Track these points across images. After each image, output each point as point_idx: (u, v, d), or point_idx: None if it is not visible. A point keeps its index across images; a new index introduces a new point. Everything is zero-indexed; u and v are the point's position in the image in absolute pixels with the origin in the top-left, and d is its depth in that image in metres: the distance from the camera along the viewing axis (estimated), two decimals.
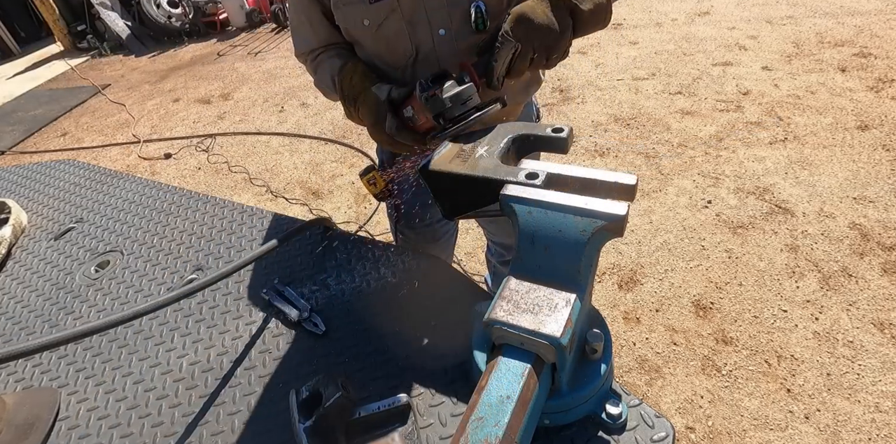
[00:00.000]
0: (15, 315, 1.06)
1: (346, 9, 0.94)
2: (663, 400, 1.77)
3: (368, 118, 0.92)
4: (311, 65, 1.08)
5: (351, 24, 0.96)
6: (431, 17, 0.93)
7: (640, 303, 2.12)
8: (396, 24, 0.93)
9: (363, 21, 0.93)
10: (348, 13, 0.95)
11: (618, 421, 0.65)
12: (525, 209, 0.61)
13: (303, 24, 1.04)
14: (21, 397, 0.86)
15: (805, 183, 2.60)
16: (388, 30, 0.94)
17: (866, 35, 3.92)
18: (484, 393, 0.53)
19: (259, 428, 0.74)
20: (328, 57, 1.05)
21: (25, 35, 8.34)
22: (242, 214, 1.21)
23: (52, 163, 1.65)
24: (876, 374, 1.74)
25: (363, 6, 0.92)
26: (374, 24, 0.93)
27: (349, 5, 0.93)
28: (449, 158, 0.72)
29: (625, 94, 3.67)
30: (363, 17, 0.93)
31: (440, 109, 0.79)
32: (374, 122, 0.91)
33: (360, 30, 0.96)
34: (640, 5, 5.25)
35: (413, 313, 0.88)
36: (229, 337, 0.90)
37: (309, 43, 1.06)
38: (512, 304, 0.58)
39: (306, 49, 1.08)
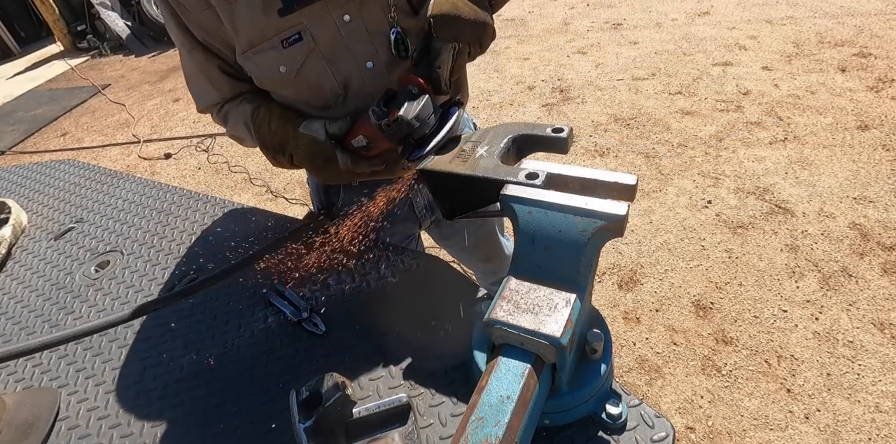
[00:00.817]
0: (15, 315, 1.06)
1: (258, 58, 0.84)
2: (663, 400, 1.77)
3: (312, 162, 0.84)
4: (219, 117, 0.99)
5: (266, 73, 0.86)
6: (355, 51, 0.86)
7: (640, 303, 2.12)
8: (318, 65, 0.85)
9: (279, 68, 0.84)
10: (261, 62, 0.85)
11: (618, 421, 0.65)
12: (525, 209, 0.61)
13: (200, 81, 0.94)
14: (21, 397, 0.86)
15: (805, 183, 2.60)
16: (309, 73, 0.86)
17: (866, 35, 3.92)
18: (484, 393, 0.53)
19: (259, 428, 0.74)
20: (235, 105, 0.96)
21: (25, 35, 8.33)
22: (243, 215, 1.21)
23: (52, 163, 1.65)
24: (876, 374, 1.74)
25: (275, 52, 0.83)
26: (293, 70, 0.85)
27: (260, 54, 0.84)
28: (449, 158, 0.72)
29: (625, 94, 3.67)
30: (278, 64, 0.84)
31: (407, 132, 0.74)
32: (323, 164, 0.84)
33: (277, 78, 0.86)
34: (640, 5, 5.25)
35: (413, 313, 0.88)
36: (229, 337, 0.90)
37: (211, 97, 0.96)
38: (512, 304, 0.58)
39: (208, 104, 0.97)
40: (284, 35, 0.81)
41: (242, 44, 0.84)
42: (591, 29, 4.90)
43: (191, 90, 0.98)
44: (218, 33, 0.84)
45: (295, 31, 0.81)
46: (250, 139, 0.95)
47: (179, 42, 0.89)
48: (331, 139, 0.83)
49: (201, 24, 0.84)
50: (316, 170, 0.86)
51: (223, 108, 0.97)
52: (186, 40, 0.87)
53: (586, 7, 5.48)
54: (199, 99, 0.98)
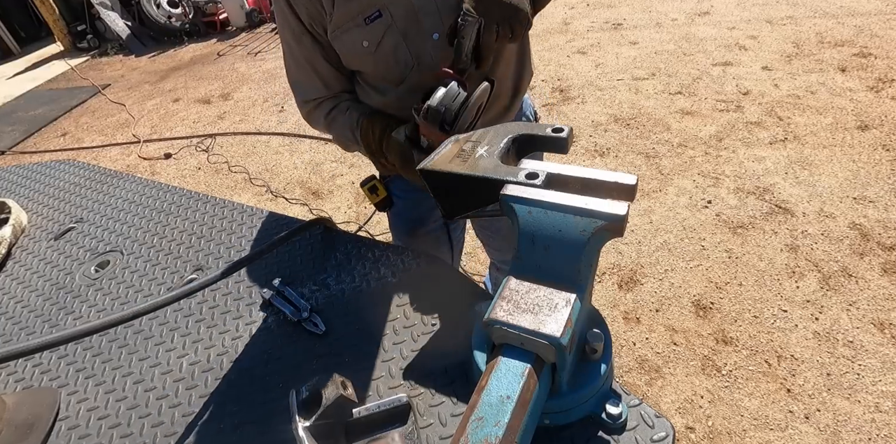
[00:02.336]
0: (15, 315, 1.06)
1: (345, 36, 0.93)
2: (663, 400, 1.77)
3: (400, 163, 0.94)
4: (323, 119, 1.07)
5: (351, 49, 0.95)
6: (424, 23, 0.92)
7: (640, 303, 2.12)
8: (394, 39, 0.93)
9: (362, 43, 0.93)
10: (347, 39, 0.94)
11: (618, 421, 0.65)
12: (525, 209, 0.61)
13: (307, 71, 1.02)
14: (21, 397, 0.86)
15: (805, 183, 2.60)
16: (387, 46, 0.94)
17: (866, 35, 3.91)
18: (484, 393, 0.53)
19: (259, 428, 0.74)
20: (340, 112, 1.04)
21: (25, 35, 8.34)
22: (242, 214, 1.21)
23: (52, 163, 1.65)
24: (876, 374, 1.74)
25: (359, 29, 0.91)
26: (374, 44, 0.93)
27: (347, 32, 0.93)
28: (449, 158, 0.72)
29: (625, 94, 3.67)
30: (362, 39, 0.93)
31: (439, 117, 0.79)
32: (404, 164, 0.93)
33: (360, 53, 0.95)
34: (640, 5, 5.25)
35: (413, 313, 0.88)
36: (229, 337, 0.90)
37: (315, 90, 1.05)
38: (512, 304, 0.58)
39: (310, 96, 1.06)
40: (367, 13, 0.89)
41: (333, 24, 0.92)
42: (591, 29, 4.90)
43: (293, 84, 1.06)
44: (320, 19, 0.93)
45: (375, 8, 0.89)
46: (355, 144, 1.04)
47: (290, 27, 0.96)
48: (408, 141, 0.91)
49: (308, 10, 0.92)
50: (402, 168, 0.95)
51: (330, 112, 1.05)
52: (297, 27, 0.95)
53: (586, 7, 5.48)
54: (302, 92, 1.05)
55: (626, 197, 0.62)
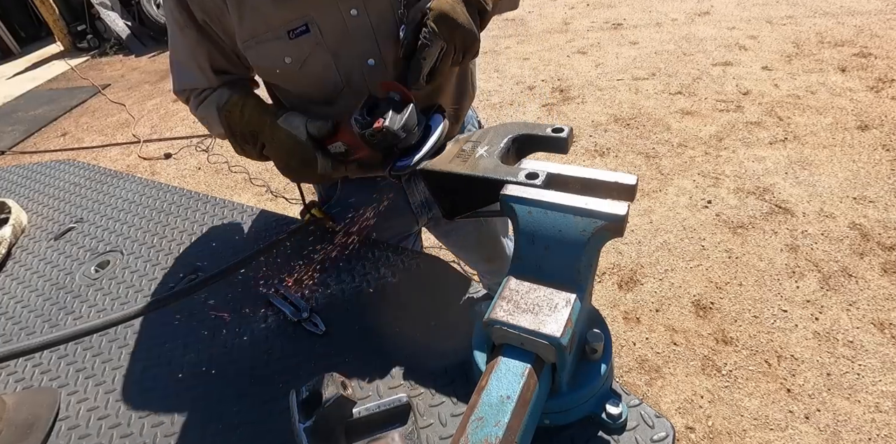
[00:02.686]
0: (15, 315, 1.06)
1: (262, 48, 0.83)
2: (663, 400, 1.77)
3: (288, 160, 0.83)
4: (194, 102, 0.95)
5: (270, 63, 0.85)
6: (359, 47, 0.85)
7: (640, 303, 2.12)
8: (323, 58, 0.85)
9: (284, 59, 0.84)
10: (264, 53, 0.84)
11: (618, 421, 0.65)
12: (525, 209, 0.61)
13: (187, 61, 0.91)
14: (21, 397, 0.86)
15: (805, 183, 2.60)
16: (314, 65, 0.85)
17: (866, 35, 3.91)
18: (484, 393, 0.53)
19: (259, 428, 0.74)
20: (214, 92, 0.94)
21: (25, 35, 8.33)
22: (242, 214, 1.21)
23: (52, 163, 1.65)
24: (876, 374, 1.74)
25: (282, 43, 0.82)
26: (298, 61, 0.84)
27: (264, 43, 0.83)
28: (449, 158, 0.72)
29: (625, 94, 3.67)
30: (284, 54, 0.83)
31: (392, 142, 0.72)
32: (298, 165, 0.82)
33: (281, 68, 0.85)
34: (640, 5, 5.25)
35: (413, 313, 0.88)
36: (229, 337, 0.90)
37: (193, 81, 0.93)
38: (512, 304, 0.58)
39: (186, 86, 0.94)
40: (291, 25, 0.80)
41: (246, 32, 0.82)
42: (591, 29, 4.90)
43: (173, 69, 0.95)
44: (220, 18, 0.83)
45: (302, 22, 0.80)
46: (217, 124, 0.92)
47: (174, 18, 0.86)
48: (311, 140, 0.80)
49: (204, 6, 0.82)
50: (288, 169, 0.84)
51: (202, 92, 0.94)
52: (182, 18, 0.85)
53: (586, 7, 5.48)
54: (180, 80, 0.94)
55: (626, 197, 0.62)
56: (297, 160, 0.82)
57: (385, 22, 0.84)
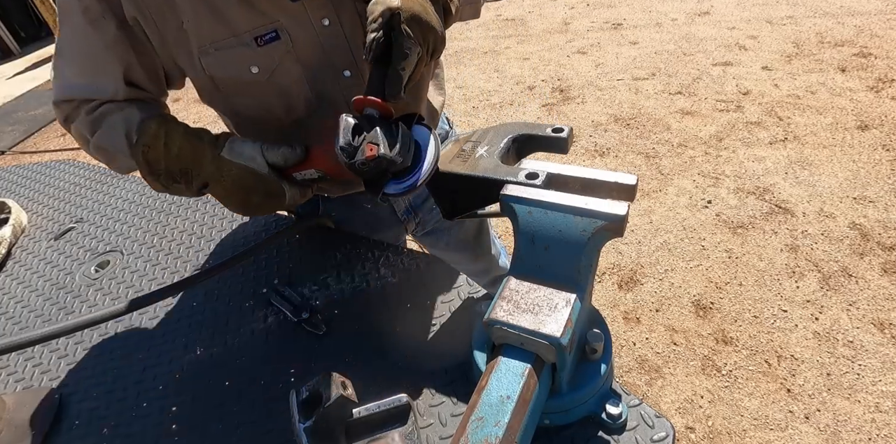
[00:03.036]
0: (15, 315, 1.06)
1: (223, 55, 0.73)
2: (663, 400, 1.77)
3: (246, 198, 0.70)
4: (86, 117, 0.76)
5: (232, 72, 0.75)
6: (333, 58, 0.78)
7: (640, 303, 2.12)
8: (293, 69, 0.76)
9: (250, 68, 0.74)
10: (227, 60, 0.73)
11: (618, 421, 0.65)
12: (525, 209, 0.61)
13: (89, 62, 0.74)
14: (21, 397, 0.86)
15: (805, 183, 2.60)
16: (283, 77, 0.76)
17: (866, 35, 3.92)
18: (484, 393, 0.53)
19: (259, 428, 0.74)
20: (117, 107, 0.75)
21: (25, 35, 8.34)
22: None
23: (52, 163, 1.65)
24: (876, 374, 1.74)
25: (248, 50, 0.73)
26: (266, 71, 0.75)
27: (227, 50, 0.72)
28: (449, 158, 0.72)
29: (625, 94, 3.67)
30: (250, 63, 0.74)
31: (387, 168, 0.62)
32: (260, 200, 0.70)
33: (245, 79, 0.75)
34: (640, 5, 5.25)
35: (413, 313, 0.88)
36: (229, 337, 0.90)
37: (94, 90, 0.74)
38: (512, 304, 0.58)
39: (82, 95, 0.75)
40: (259, 32, 0.72)
41: (205, 36, 0.71)
42: (591, 29, 4.90)
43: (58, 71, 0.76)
44: (159, 18, 0.70)
45: (271, 28, 0.72)
46: (123, 156, 0.75)
47: (82, 5, 0.69)
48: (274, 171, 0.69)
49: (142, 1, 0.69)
50: (247, 207, 0.72)
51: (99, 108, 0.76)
52: (98, 7, 0.69)
53: (586, 7, 5.48)
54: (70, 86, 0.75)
55: (626, 197, 0.62)
56: (260, 196, 0.69)
57: (360, 30, 0.77)
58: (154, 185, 0.72)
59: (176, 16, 0.70)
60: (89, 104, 0.76)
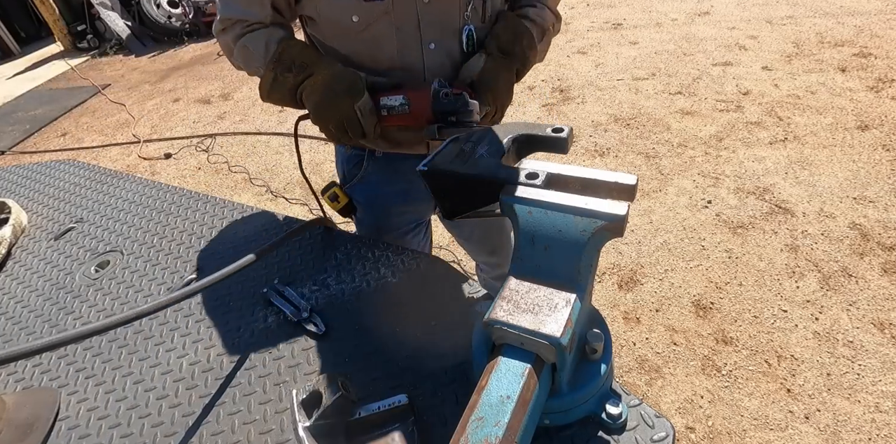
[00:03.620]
0: (15, 315, 1.06)
1: (334, 1, 0.87)
2: (663, 400, 1.77)
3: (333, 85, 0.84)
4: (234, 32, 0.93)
5: (337, 16, 0.88)
6: (424, 29, 0.91)
7: (640, 303, 2.12)
8: (387, 28, 0.89)
9: (352, 17, 0.87)
10: (335, 6, 0.87)
11: (618, 421, 0.65)
12: (525, 209, 0.61)
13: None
14: (21, 397, 0.86)
15: (805, 183, 2.60)
16: (377, 31, 0.89)
17: (866, 35, 3.92)
18: (484, 393, 0.53)
19: (259, 428, 0.74)
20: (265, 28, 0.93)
21: (25, 35, 8.34)
22: (242, 214, 1.21)
23: (52, 163, 1.65)
24: (876, 374, 1.74)
25: (354, 1, 0.86)
26: (364, 23, 0.87)
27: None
28: (449, 157, 0.72)
29: (625, 94, 3.67)
30: (352, 12, 0.86)
31: (457, 109, 0.80)
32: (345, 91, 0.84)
33: (345, 26, 0.88)
34: (640, 5, 5.25)
35: (413, 313, 0.88)
36: (229, 337, 0.90)
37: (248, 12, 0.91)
38: (512, 304, 0.58)
39: (239, 16, 0.92)
40: None
41: None
42: (591, 29, 4.90)
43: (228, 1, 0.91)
44: None
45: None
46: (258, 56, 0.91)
47: None
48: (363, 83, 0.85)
49: None
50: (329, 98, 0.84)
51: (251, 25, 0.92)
52: None
53: (586, 7, 5.48)
54: (231, 7, 0.91)
55: (626, 197, 0.62)
56: (344, 86, 0.83)
57: (451, 18, 0.92)
58: (266, 81, 0.90)
59: None
60: (243, 24, 0.93)
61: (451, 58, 0.98)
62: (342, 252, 1.04)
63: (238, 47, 0.94)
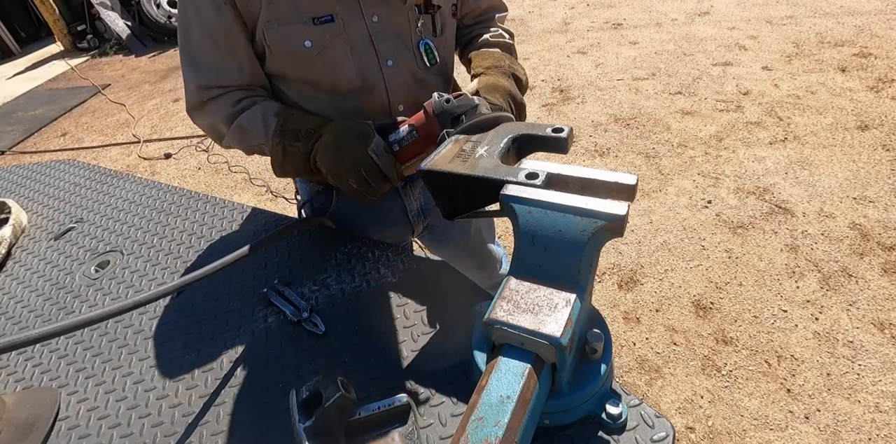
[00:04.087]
0: (15, 315, 1.06)
1: (283, 29, 0.85)
2: (663, 400, 1.77)
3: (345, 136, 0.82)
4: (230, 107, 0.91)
5: (288, 44, 0.86)
6: (378, 48, 0.91)
7: (640, 303, 2.12)
8: (342, 49, 0.88)
9: (304, 42, 0.86)
10: (285, 34, 0.85)
11: (618, 421, 0.65)
12: (525, 209, 0.61)
13: (222, 53, 0.88)
14: (21, 397, 0.86)
15: (805, 183, 2.60)
16: (333, 54, 0.88)
17: (866, 35, 3.92)
18: (484, 393, 0.53)
19: (259, 428, 0.74)
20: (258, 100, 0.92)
21: (25, 35, 8.34)
22: (242, 214, 1.21)
23: (52, 163, 1.65)
24: (876, 374, 1.74)
25: (304, 27, 0.85)
26: (318, 47, 0.87)
27: (286, 25, 0.85)
28: (449, 158, 0.72)
29: (625, 94, 3.67)
30: (304, 37, 0.86)
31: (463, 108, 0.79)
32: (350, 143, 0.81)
33: (299, 51, 0.87)
34: (640, 5, 5.25)
35: (413, 313, 0.88)
36: (229, 337, 0.90)
37: (223, 76, 0.89)
38: (512, 304, 0.58)
39: (216, 82, 0.89)
40: (317, 13, 0.85)
41: (272, 14, 0.84)
42: (591, 29, 4.90)
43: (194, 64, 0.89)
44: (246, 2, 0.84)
45: (328, 12, 0.85)
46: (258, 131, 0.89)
47: None
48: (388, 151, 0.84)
49: None
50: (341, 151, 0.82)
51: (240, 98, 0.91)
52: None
53: (586, 7, 5.48)
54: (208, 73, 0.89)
55: (626, 197, 0.62)
56: (355, 134, 0.82)
57: (403, 32, 0.93)
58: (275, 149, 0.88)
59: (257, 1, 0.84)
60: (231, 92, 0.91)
61: (413, 74, 0.97)
62: (342, 252, 1.04)
63: (233, 129, 0.92)
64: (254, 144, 0.93)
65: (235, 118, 0.91)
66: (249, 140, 0.92)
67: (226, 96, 0.91)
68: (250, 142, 0.93)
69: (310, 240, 1.09)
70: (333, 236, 1.09)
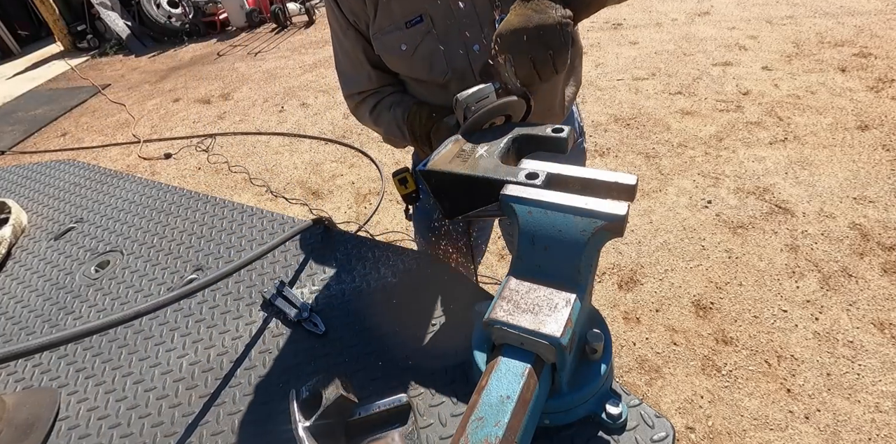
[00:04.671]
0: (15, 315, 1.06)
1: (385, 38, 0.98)
2: (663, 400, 1.77)
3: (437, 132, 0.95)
4: (368, 114, 1.10)
5: (389, 50, 0.99)
6: (465, 34, 0.96)
7: (640, 303, 2.12)
8: (432, 45, 0.96)
9: (400, 46, 0.97)
10: (387, 41, 0.98)
11: (618, 421, 0.65)
12: (525, 209, 0.61)
13: (353, 66, 1.07)
14: (21, 397, 0.86)
15: (805, 183, 2.60)
16: (424, 52, 0.97)
17: (866, 35, 3.92)
18: (484, 393, 0.53)
19: (259, 428, 0.74)
20: (385, 108, 1.07)
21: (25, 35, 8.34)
22: (242, 214, 1.21)
23: (52, 163, 1.65)
24: (876, 374, 1.74)
25: (399, 33, 0.96)
26: (411, 48, 0.97)
27: (387, 34, 0.97)
28: (449, 158, 0.72)
29: (625, 94, 3.67)
30: (400, 42, 0.97)
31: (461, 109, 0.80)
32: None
33: (398, 54, 0.99)
34: (640, 5, 5.25)
35: (413, 313, 0.88)
36: (229, 337, 0.90)
37: (359, 84, 1.08)
38: (512, 304, 0.58)
39: (356, 90, 1.10)
40: (409, 17, 0.94)
41: (377, 26, 0.97)
42: (591, 29, 4.90)
43: (340, 74, 1.10)
44: (363, 17, 0.98)
45: (417, 14, 0.94)
46: (402, 139, 1.05)
47: (337, 24, 1.02)
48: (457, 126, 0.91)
49: (352, 8, 0.98)
50: None
51: (376, 107, 1.07)
52: (343, 21, 1.00)
53: None
54: (347, 83, 1.09)
55: (626, 197, 0.62)
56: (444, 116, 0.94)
57: (485, 12, 0.95)
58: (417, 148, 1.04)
59: (365, 15, 0.98)
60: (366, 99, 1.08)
61: None
62: (342, 252, 1.04)
63: (378, 129, 1.11)
64: (399, 142, 1.10)
65: (378, 124, 1.09)
66: (403, 142, 1.08)
67: (364, 103, 1.08)
68: (405, 143, 1.08)
69: (310, 240, 1.09)
70: (333, 236, 1.09)
